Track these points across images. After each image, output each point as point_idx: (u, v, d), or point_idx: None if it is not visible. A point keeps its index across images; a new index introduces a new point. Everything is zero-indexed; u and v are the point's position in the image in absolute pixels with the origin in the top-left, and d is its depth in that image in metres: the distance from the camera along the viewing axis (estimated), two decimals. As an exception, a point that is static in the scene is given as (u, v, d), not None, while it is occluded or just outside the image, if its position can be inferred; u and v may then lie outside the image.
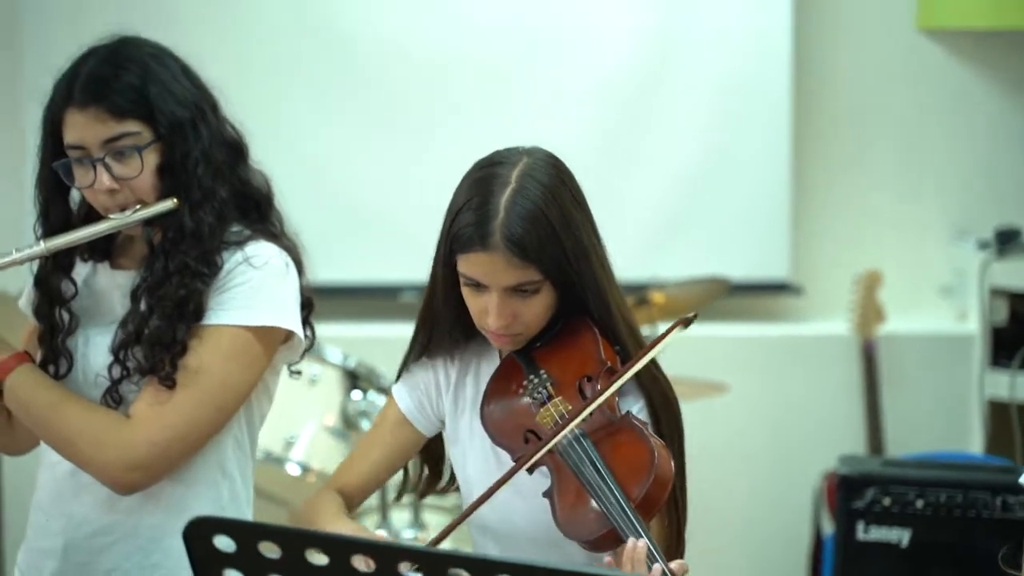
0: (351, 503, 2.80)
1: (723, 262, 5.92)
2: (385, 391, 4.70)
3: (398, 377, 2.84)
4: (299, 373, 2.96)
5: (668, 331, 2.51)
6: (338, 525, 2.63)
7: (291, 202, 2.86)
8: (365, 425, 4.62)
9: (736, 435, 5.94)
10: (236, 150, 2.79)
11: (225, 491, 2.78)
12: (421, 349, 2.78)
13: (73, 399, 2.68)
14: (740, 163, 6.08)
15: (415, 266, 5.89)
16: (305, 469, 4.58)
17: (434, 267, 2.69)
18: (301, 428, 4.63)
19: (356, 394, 4.69)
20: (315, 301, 2.85)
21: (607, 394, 2.53)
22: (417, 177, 6.04)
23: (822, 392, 6.10)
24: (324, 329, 5.01)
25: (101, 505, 2.73)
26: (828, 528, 5.46)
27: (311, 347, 2.88)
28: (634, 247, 5.81)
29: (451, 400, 2.78)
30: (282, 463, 4.55)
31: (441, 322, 2.72)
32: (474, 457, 2.73)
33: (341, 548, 1.86)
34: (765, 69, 6.05)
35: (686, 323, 2.50)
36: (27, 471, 3.02)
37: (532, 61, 6.09)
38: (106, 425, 2.64)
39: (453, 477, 2.88)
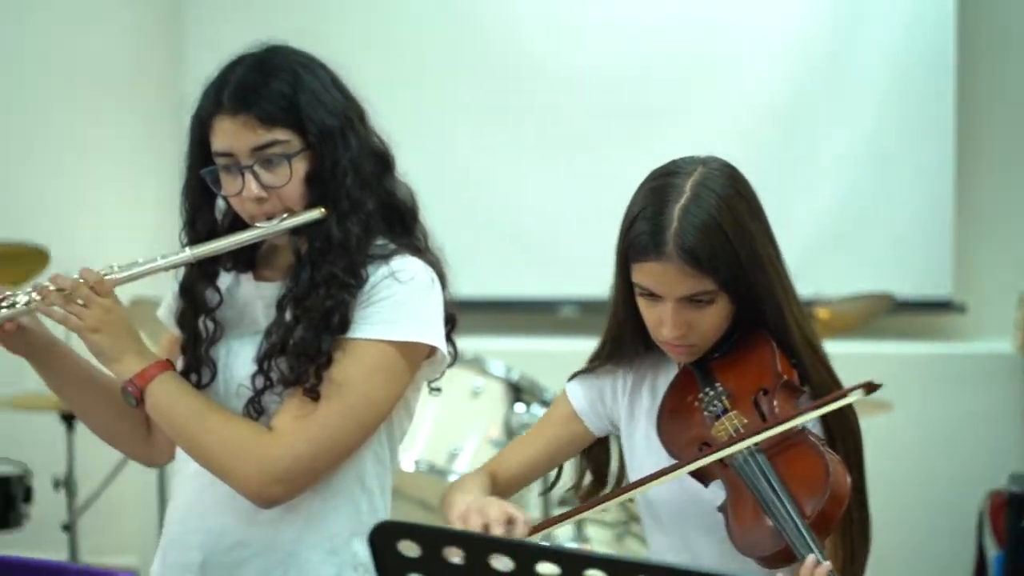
0: (504, 489, 2.76)
1: (886, 278, 5.86)
2: (548, 405, 4.69)
3: (572, 378, 2.83)
4: (439, 390, 2.84)
5: (850, 390, 2.50)
6: (462, 496, 2.58)
7: (453, 218, 2.84)
8: (529, 438, 4.63)
9: (899, 454, 5.87)
10: (383, 161, 2.74)
11: (364, 505, 2.72)
12: (604, 356, 2.77)
13: (216, 409, 2.64)
14: (903, 179, 6.03)
15: (574, 282, 6.07)
16: (468, 481, 4.59)
17: (615, 277, 2.68)
18: (465, 440, 4.64)
19: (519, 407, 4.69)
20: (477, 316, 2.81)
21: (765, 434, 2.48)
22: (577, 194, 6.07)
23: (986, 411, 6.01)
24: (485, 343, 5.09)
25: (240, 518, 2.68)
26: (992, 548, 5.37)
27: (452, 363, 2.81)
28: (797, 262, 5.72)
29: (626, 408, 2.77)
30: (445, 475, 4.57)
31: (623, 331, 2.71)
32: (650, 467, 2.68)
33: (526, 554, 1.86)
34: (929, 82, 6.00)
35: (870, 389, 2.50)
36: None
37: (689, 78, 6.11)
38: (249, 437, 2.60)
39: (616, 486, 2.86)
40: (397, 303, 2.63)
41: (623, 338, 2.72)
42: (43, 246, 5.55)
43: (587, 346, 2.82)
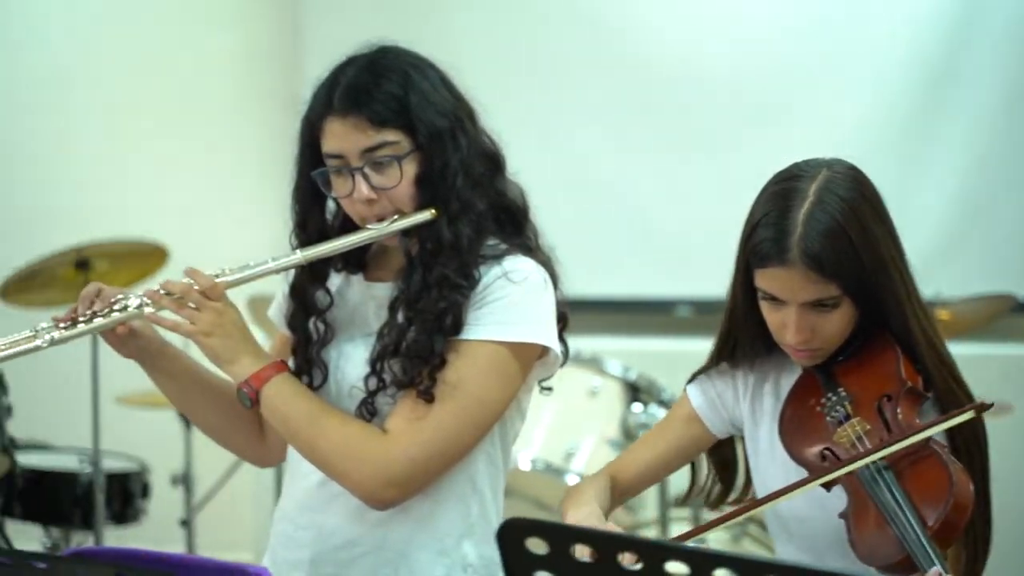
0: (625, 491, 2.76)
1: (1008, 279, 5.77)
2: (666, 404, 4.68)
3: (692, 379, 2.81)
4: (550, 389, 2.81)
5: (963, 411, 2.46)
6: (575, 511, 2.59)
7: (570, 217, 2.81)
8: (646, 438, 4.61)
9: (1020, 457, 5.77)
10: (493, 161, 2.71)
11: (475, 507, 2.71)
12: (721, 357, 2.75)
13: (331, 411, 2.64)
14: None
15: (690, 282, 6.03)
16: (585, 481, 4.57)
17: (733, 280, 2.65)
18: (581, 440, 4.62)
19: (636, 407, 4.66)
20: (592, 315, 2.78)
21: (891, 449, 2.44)
22: (695, 194, 6.04)
23: (1110, 414, 5.90)
24: (600, 342, 5.07)
25: (350, 517, 2.68)
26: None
27: (564, 363, 2.78)
28: (917, 263, 5.67)
29: (748, 409, 2.74)
30: (562, 474, 4.56)
31: (742, 334, 2.68)
32: (775, 470, 2.68)
33: (655, 552, 1.85)
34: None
35: (981, 409, 2.46)
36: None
37: (809, 77, 6.06)
38: (364, 439, 2.59)
39: (744, 488, 2.84)
40: (511, 304, 2.61)
41: (741, 340, 2.70)
42: (162, 244, 5.61)
43: (702, 347, 2.80)
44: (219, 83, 6.96)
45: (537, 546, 1.90)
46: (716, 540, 4.68)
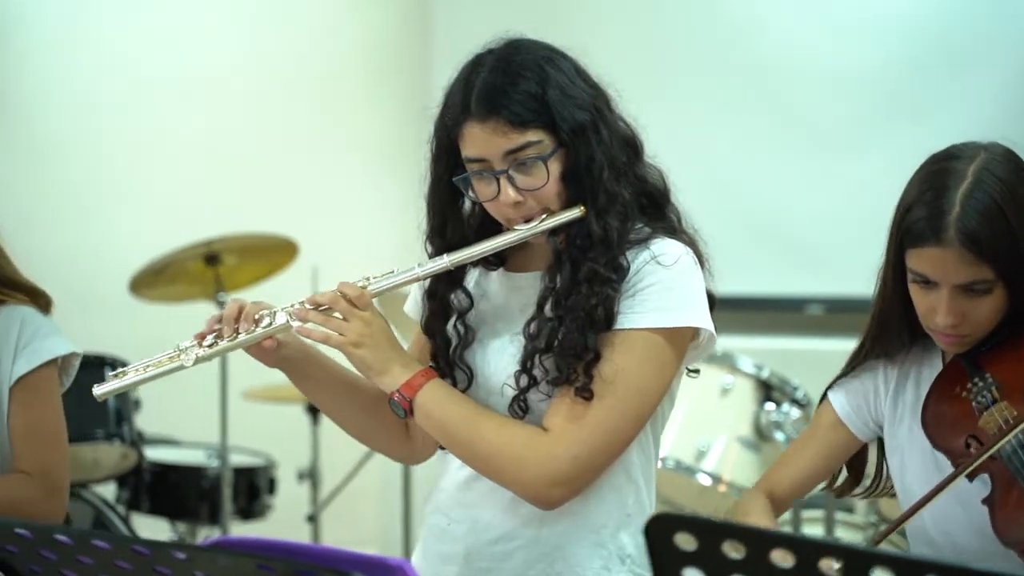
0: (779, 506, 2.76)
1: None
2: (799, 403, 4.61)
3: (832, 385, 2.77)
4: (697, 372, 2.74)
5: None
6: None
7: (701, 214, 2.74)
8: (779, 437, 4.54)
9: None
10: (633, 147, 2.64)
11: (630, 498, 2.65)
12: (865, 352, 2.71)
13: (487, 414, 2.59)
14: None
15: (821, 280, 5.95)
16: (716, 480, 4.51)
17: (884, 263, 2.60)
18: (714, 438, 4.55)
19: (770, 405, 4.59)
20: (722, 313, 2.70)
21: None
22: (827, 193, 5.97)
23: None
24: (730, 341, 5.01)
25: (505, 511, 2.63)
26: None
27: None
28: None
29: (890, 405, 2.70)
30: (693, 473, 4.49)
31: (890, 321, 2.64)
32: (913, 466, 2.64)
33: (809, 550, 1.79)
34: None
35: None
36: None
37: (940, 75, 5.97)
38: (525, 440, 2.53)
39: (872, 485, 2.82)
40: (663, 288, 2.54)
41: (888, 326, 2.65)
42: (292, 239, 5.62)
43: (833, 346, 2.77)
44: (348, 79, 7.00)
45: (686, 542, 1.85)
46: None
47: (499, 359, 2.66)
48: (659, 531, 1.86)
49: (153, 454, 5.62)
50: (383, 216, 6.38)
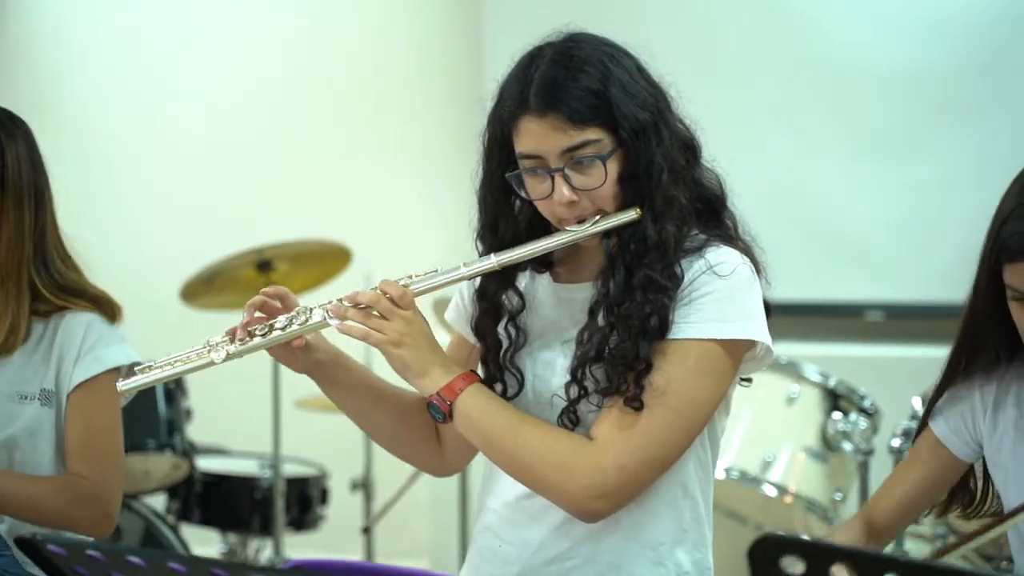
0: (882, 532, 2.70)
1: None
2: (866, 412, 4.51)
3: (929, 408, 2.71)
4: (749, 381, 2.65)
5: None
6: None
7: (760, 218, 2.65)
8: (847, 447, 4.44)
9: None
10: (691, 150, 2.55)
11: (687, 513, 2.56)
12: (958, 371, 2.64)
13: (531, 422, 2.49)
14: None
15: (881, 286, 5.88)
16: (782, 491, 4.41)
17: (977, 278, 2.52)
18: (779, 449, 4.46)
19: (837, 415, 4.49)
20: (782, 319, 2.62)
21: None
22: (887, 197, 5.89)
23: None
24: (790, 347, 4.94)
25: (557, 530, 2.54)
26: None
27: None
28: None
29: (989, 423, 2.62)
30: (758, 484, 4.40)
31: (983, 338, 2.56)
32: (1017, 483, 2.57)
33: (921, 573, 1.71)
34: None
35: None
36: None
37: (1001, 76, 5.86)
38: (570, 450, 2.44)
39: (972, 501, 2.74)
40: (720, 299, 2.44)
41: (982, 345, 2.57)
42: (345, 244, 5.55)
43: (892, 352, 2.69)
44: (399, 82, 6.97)
45: (792, 565, 1.78)
46: (917, 554, 4.50)
47: (551, 369, 2.57)
48: (764, 554, 1.80)
49: (204, 464, 5.58)
50: (437, 221, 6.34)
